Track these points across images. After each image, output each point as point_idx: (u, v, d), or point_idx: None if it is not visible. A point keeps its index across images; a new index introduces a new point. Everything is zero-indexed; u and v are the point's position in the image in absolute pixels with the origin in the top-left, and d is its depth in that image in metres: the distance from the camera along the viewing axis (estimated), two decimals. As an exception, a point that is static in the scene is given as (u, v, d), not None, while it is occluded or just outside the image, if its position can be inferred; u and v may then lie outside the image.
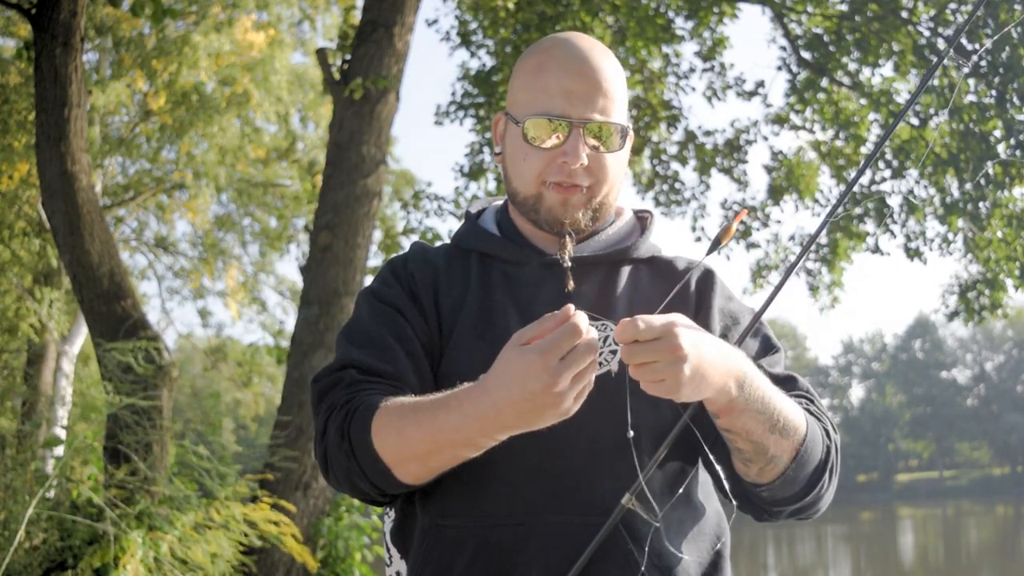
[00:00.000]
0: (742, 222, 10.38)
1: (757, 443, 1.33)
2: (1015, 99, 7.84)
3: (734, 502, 1.48)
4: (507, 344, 1.21)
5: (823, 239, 10.02)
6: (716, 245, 1.35)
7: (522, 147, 1.48)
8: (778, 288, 1.35)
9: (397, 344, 1.43)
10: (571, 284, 1.48)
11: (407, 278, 1.52)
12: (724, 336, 1.50)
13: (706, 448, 1.38)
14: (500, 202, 1.65)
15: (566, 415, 1.20)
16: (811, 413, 1.44)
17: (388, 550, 1.53)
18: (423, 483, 1.38)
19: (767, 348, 1.53)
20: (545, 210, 1.48)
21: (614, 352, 1.42)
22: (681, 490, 1.42)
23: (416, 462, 1.32)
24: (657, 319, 1.19)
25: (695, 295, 1.53)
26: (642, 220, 1.64)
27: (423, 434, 1.28)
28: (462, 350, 1.45)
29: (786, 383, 1.47)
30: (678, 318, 1.22)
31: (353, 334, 1.48)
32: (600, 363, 1.41)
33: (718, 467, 1.41)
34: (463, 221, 1.64)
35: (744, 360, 1.32)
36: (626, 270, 1.54)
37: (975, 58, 1.45)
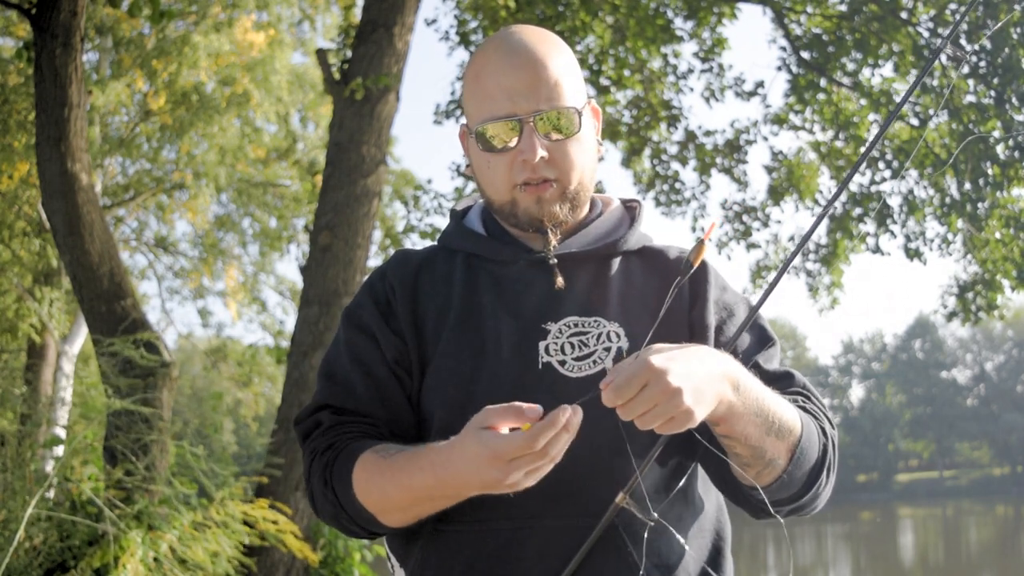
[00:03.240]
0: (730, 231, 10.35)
1: (755, 447, 1.32)
2: (1014, 99, 7.84)
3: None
4: (471, 421, 1.23)
5: (823, 240, 10.02)
6: (688, 269, 1.33)
7: (483, 156, 1.46)
8: (774, 283, 1.34)
9: (365, 376, 1.47)
10: (560, 281, 1.46)
11: (385, 292, 1.52)
12: (720, 328, 1.49)
13: (706, 443, 1.37)
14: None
15: (522, 487, 1.25)
16: (806, 411, 1.42)
17: (389, 559, 1.52)
18: (414, 524, 1.40)
19: (763, 341, 1.51)
20: (522, 212, 1.46)
21: (608, 349, 1.41)
22: (679, 485, 1.41)
23: (399, 512, 1.37)
24: (628, 369, 1.17)
25: (689, 288, 1.50)
26: (631, 210, 1.61)
27: (402, 492, 1.33)
28: (448, 355, 1.44)
29: (782, 379, 1.46)
30: (648, 352, 1.19)
31: (329, 367, 1.52)
32: (594, 361, 1.40)
33: (714, 472, 1.41)
34: (449, 220, 1.63)
35: (733, 362, 1.30)
36: (616, 263, 1.52)
37: (972, 49, 1.44)
